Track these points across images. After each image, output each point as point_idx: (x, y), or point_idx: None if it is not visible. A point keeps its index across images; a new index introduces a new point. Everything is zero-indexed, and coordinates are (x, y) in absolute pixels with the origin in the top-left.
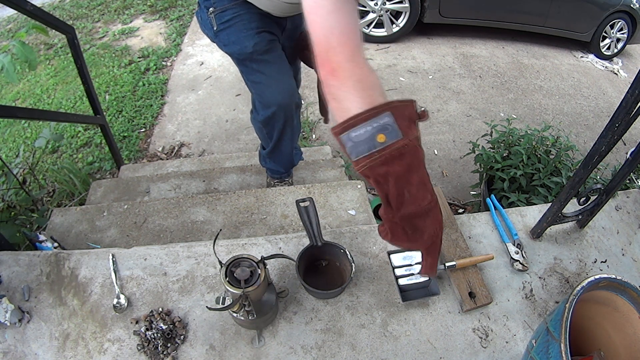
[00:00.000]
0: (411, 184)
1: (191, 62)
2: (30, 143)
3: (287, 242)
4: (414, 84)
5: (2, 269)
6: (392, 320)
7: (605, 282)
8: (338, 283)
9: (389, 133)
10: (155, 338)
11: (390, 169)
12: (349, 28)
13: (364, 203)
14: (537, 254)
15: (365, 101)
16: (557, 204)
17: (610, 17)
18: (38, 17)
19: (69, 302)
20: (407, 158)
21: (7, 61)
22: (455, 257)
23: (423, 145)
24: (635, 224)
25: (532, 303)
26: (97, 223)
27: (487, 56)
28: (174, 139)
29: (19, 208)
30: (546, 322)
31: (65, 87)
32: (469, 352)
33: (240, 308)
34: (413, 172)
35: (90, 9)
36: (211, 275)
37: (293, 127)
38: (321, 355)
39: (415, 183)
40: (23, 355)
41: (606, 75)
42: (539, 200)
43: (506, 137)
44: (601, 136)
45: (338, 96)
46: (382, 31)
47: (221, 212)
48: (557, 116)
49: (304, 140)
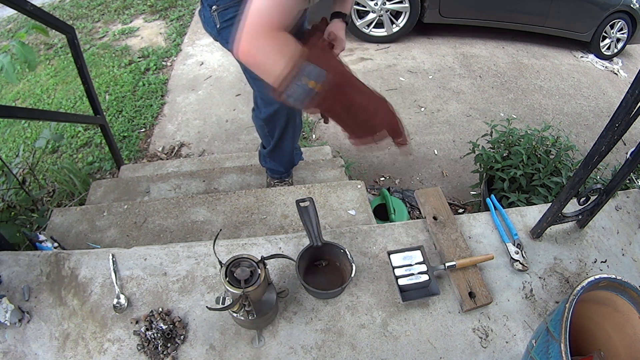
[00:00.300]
0: (354, 100)
1: (191, 62)
2: (30, 143)
3: (287, 242)
4: (414, 84)
5: (2, 269)
6: (392, 320)
7: (605, 282)
8: (338, 283)
9: (315, 77)
10: (155, 338)
11: (331, 100)
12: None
13: (364, 203)
14: (537, 254)
15: (285, 61)
16: (557, 204)
17: (610, 17)
18: (38, 17)
19: (69, 302)
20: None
21: (6, 61)
22: (455, 257)
23: (423, 146)
24: (635, 224)
25: (532, 303)
26: (97, 223)
27: (487, 56)
28: (174, 139)
29: (19, 208)
30: (546, 322)
31: (65, 87)
32: (469, 352)
33: (240, 308)
34: (349, 91)
35: (90, 9)
36: (211, 275)
37: (295, 126)
38: (321, 355)
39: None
40: (23, 355)
41: (606, 75)
42: (539, 200)
43: (506, 137)
44: (601, 136)
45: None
46: (382, 31)
47: (221, 212)
48: (557, 116)
49: (304, 140)
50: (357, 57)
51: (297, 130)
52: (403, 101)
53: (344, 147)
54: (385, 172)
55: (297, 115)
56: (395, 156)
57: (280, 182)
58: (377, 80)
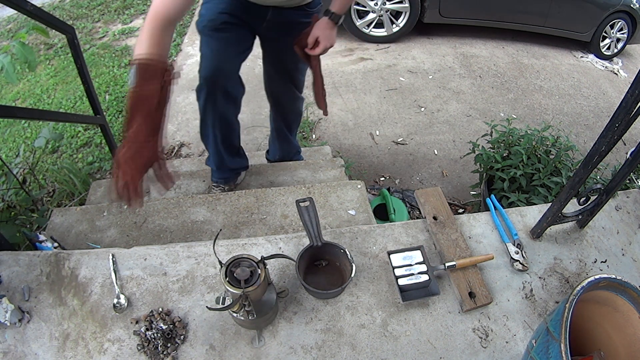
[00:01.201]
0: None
1: (191, 62)
2: (30, 143)
3: (287, 242)
4: (414, 84)
5: (2, 269)
6: (392, 320)
7: (605, 282)
8: (338, 283)
9: (132, 80)
10: (155, 338)
11: (129, 102)
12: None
13: (364, 203)
14: (537, 254)
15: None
16: (557, 204)
17: (610, 17)
18: (38, 17)
19: (69, 302)
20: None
21: (7, 61)
22: (455, 257)
23: (423, 146)
24: (635, 224)
25: (532, 303)
26: (97, 223)
27: (487, 56)
28: (174, 139)
29: (19, 208)
30: (546, 322)
31: (65, 87)
32: (469, 352)
33: (240, 308)
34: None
35: (90, 9)
36: (211, 275)
37: (215, 112)
38: (321, 355)
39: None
40: (23, 355)
41: (606, 75)
42: (539, 200)
43: (506, 137)
44: (601, 136)
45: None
46: (382, 31)
47: (221, 212)
48: (557, 116)
49: (304, 140)
50: (357, 57)
51: (221, 123)
52: (403, 101)
53: (344, 147)
54: (385, 172)
55: (219, 102)
56: (395, 156)
57: (216, 186)
58: (377, 80)
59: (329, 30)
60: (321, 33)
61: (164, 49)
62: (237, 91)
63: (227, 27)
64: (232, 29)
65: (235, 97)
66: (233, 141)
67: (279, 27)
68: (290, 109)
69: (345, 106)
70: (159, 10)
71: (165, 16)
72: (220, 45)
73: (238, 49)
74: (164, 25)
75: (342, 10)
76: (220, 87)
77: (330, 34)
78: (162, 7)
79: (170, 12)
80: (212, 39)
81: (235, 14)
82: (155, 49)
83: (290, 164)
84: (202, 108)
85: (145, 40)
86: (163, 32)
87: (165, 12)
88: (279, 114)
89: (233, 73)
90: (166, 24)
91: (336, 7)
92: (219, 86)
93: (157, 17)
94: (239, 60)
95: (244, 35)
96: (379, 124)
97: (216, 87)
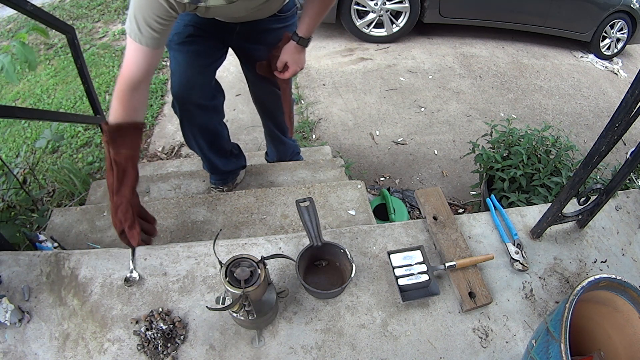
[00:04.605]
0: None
1: None
2: (30, 143)
3: (287, 242)
4: (414, 84)
5: (2, 269)
6: (392, 320)
7: (605, 282)
8: (338, 283)
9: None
10: (155, 338)
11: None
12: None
13: (364, 203)
14: (537, 254)
15: (110, 116)
16: (557, 204)
17: (610, 17)
18: (38, 17)
19: (69, 302)
20: (109, 165)
21: (7, 61)
22: (455, 257)
23: (423, 146)
24: (635, 224)
25: (532, 303)
26: (97, 223)
27: (487, 56)
28: (174, 139)
29: (19, 208)
30: (546, 322)
31: (65, 87)
32: (469, 352)
33: (240, 308)
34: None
35: (90, 9)
36: (211, 275)
37: (194, 125)
38: (321, 355)
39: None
40: (23, 355)
41: (606, 75)
42: (539, 200)
43: (506, 137)
44: (601, 136)
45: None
46: (382, 31)
47: (221, 212)
48: (557, 116)
49: (304, 141)
50: (357, 57)
51: (202, 133)
52: (403, 101)
53: (344, 147)
54: (385, 172)
55: (197, 116)
56: (395, 156)
57: (215, 187)
58: (377, 80)
59: (297, 54)
60: (289, 58)
61: (135, 111)
62: (212, 101)
63: (194, 39)
64: (200, 41)
65: (213, 106)
66: (222, 146)
67: (250, 36)
68: (277, 111)
69: (345, 106)
70: (124, 75)
71: (131, 80)
72: (188, 59)
73: (207, 60)
74: (131, 88)
75: (309, 34)
76: (193, 102)
77: (299, 57)
78: (127, 72)
79: (135, 76)
80: (179, 52)
81: (199, 26)
82: (124, 112)
83: (290, 164)
84: (180, 122)
85: (115, 106)
86: (131, 95)
87: (132, 76)
88: (267, 118)
89: (205, 85)
90: (134, 86)
91: (303, 32)
92: (191, 101)
93: (123, 82)
94: (210, 71)
95: (213, 46)
96: (379, 124)
97: (188, 102)
